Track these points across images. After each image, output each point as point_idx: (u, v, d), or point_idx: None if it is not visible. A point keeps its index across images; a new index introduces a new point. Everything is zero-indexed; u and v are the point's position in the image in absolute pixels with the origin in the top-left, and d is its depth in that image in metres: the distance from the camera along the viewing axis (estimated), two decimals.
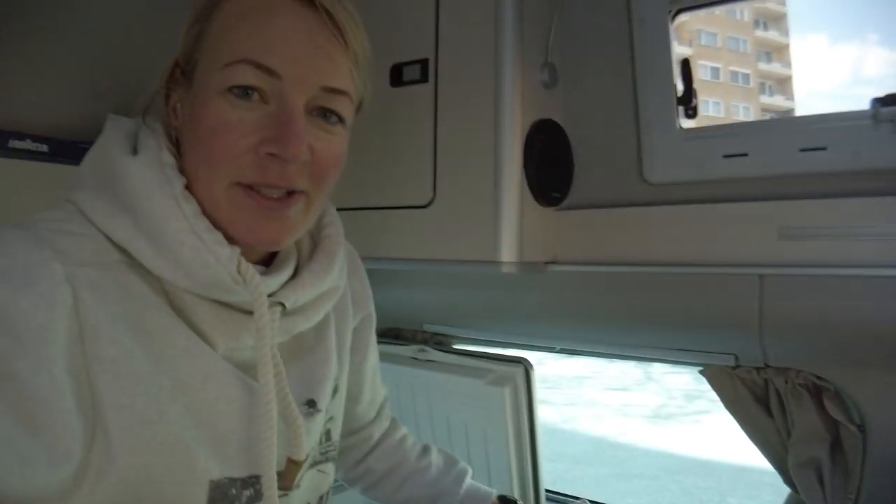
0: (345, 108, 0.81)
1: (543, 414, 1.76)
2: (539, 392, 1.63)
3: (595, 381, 11.84)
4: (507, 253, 1.31)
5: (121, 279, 0.71)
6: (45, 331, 0.63)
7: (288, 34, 0.74)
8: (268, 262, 0.86)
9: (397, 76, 1.45)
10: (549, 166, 1.40)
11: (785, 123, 1.45)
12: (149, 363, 0.70)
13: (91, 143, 1.48)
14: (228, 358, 0.78)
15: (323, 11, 0.75)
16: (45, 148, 1.37)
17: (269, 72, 0.73)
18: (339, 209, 1.50)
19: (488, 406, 1.63)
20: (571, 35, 1.44)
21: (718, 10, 1.41)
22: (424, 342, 1.82)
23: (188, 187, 0.76)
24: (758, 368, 1.33)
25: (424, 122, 1.40)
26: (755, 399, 1.35)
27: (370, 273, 1.29)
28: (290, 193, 0.77)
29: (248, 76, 0.72)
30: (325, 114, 0.78)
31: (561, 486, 1.85)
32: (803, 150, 1.21)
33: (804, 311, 1.21)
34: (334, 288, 0.92)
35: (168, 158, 0.77)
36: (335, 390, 0.98)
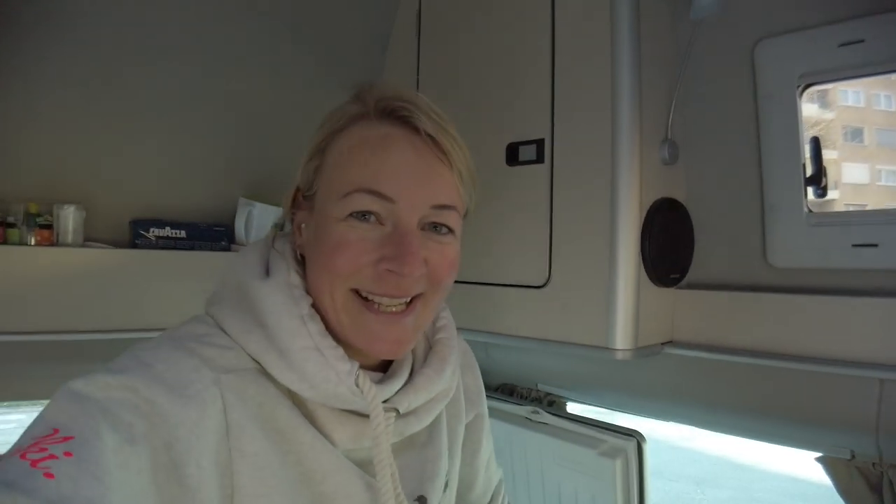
0: (453, 220, 0.84)
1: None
2: None
3: None
4: (622, 339, 1.30)
5: (256, 383, 0.78)
6: (195, 426, 0.70)
7: (398, 162, 0.80)
8: (385, 366, 0.91)
9: (513, 155, 1.46)
10: (670, 246, 1.38)
11: None
12: (279, 457, 0.76)
13: (226, 225, 1.59)
14: (349, 455, 0.83)
15: (428, 138, 0.81)
16: (183, 233, 1.47)
17: (385, 197, 0.78)
18: (458, 282, 1.55)
19: (598, 476, 1.61)
20: (694, 111, 1.41)
21: None
22: (537, 401, 1.83)
23: (313, 303, 0.82)
24: (874, 463, 1.26)
25: (540, 202, 1.41)
26: (870, 489, 1.28)
27: (488, 338, 1.33)
28: (409, 303, 0.82)
29: (366, 202, 0.78)
30: (436, 227, 0.83)
31: None
32: None
33: None
34: (446, 390, 0.94)
35: (295, 279, 0.83)
36: (445, 486, 1.00)
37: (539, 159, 1.41)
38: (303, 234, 0.88)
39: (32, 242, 1.43)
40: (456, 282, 1.33)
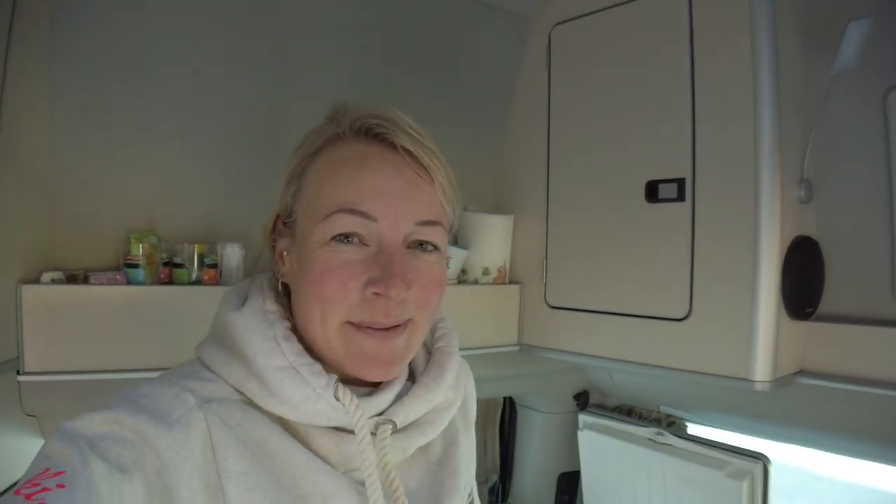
0: (438, 236, 0.83)
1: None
2: None
3: None
4: (762, 372, 1.36)
5: (242, 411, 0.77)
6: (182, 449, 0.70)
7: (377, 179, 0.78)
8: (379, 383, 0.87)
9: (653, 193, 1.53)
10: (805, 281, 1.44)
11: None
12: (272, 480, 0.75)
13: None
14: (352, 476, 0.81)
15: (406, 154, 0.80)
16: None
17: (366, 216, 0.77)
18: (596, 311, 1.64)
19: (724, 498, 1.68)
20: (826, 150, 1.47)
21: None
22: (657, 422, 1.90)
23: (300, 329, 0.83)
24: None
25: (681, 238, 1.48)
26: None
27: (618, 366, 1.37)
28: (397, 325, 0.80)
29: (348, 222, 0.77)
30: (422, 244, 0.82)
31: None
32: None
33: None
34: (451, 399, 0.92)
35: (271, 306, 0.83)
36: (472, 503, 1.00)
37: (680, 197, 1.48)
38: (285, 262, 0.86)
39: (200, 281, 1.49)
40: (596, 311, 1.40)
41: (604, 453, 1.98)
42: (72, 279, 1.37)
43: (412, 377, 0.91)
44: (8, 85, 1.21)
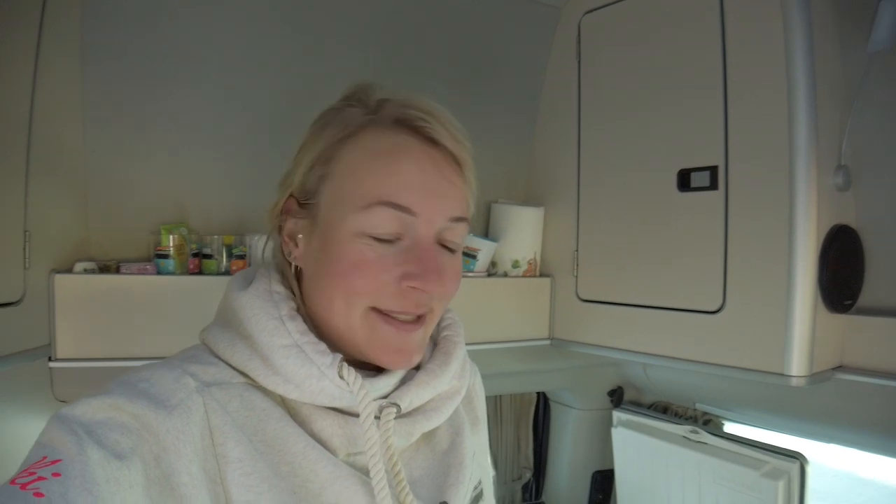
0: (463, 233, 0.84)
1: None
2: None
3: None
4: (798, 366, 1.32)
5: (243, 395, 0.77)
6: (181, 433, 0.69)
7: (418, 174, 0.78)
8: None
9: (685, 182, 1.50)
10: (844, 272, 1.39)
11: None
12: (270, 467, 0.74)
13: None
14: (352, 463, 0.80)
15: (445, 149, 0.80)
16: None
17: (406, 210, 0.76)
18: (628, 304, 1.61)
19: (760, 497, 1.63)
20: (864, 135, 1.42)
21: None
22: (693, 420, 1.86)
23: (311, 312, 0.83)
24: None
25: (714, 228, 1.44)
26: None
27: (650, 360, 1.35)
28: (421, 316, 0.81)
29: (387, 216, 0.76)
30: (449, 241, 0.82)
31: None
32: None
33: None
34: (455, 388, 0.91)
35: (277, 287, 0.83)
36: (481, 494, 0.98)
37: (713, 186, 1.44)
38: (299, 244, 0.85)
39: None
40: (627, 304, 1.37)
41: (638, 451, 1.95)
42: (104, 269, 1.40)
43: (416, 365, 0.90)
44: (39, 80, 1.23)
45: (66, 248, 1.39)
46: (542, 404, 2.37)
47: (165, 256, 1.44)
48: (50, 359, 1.31)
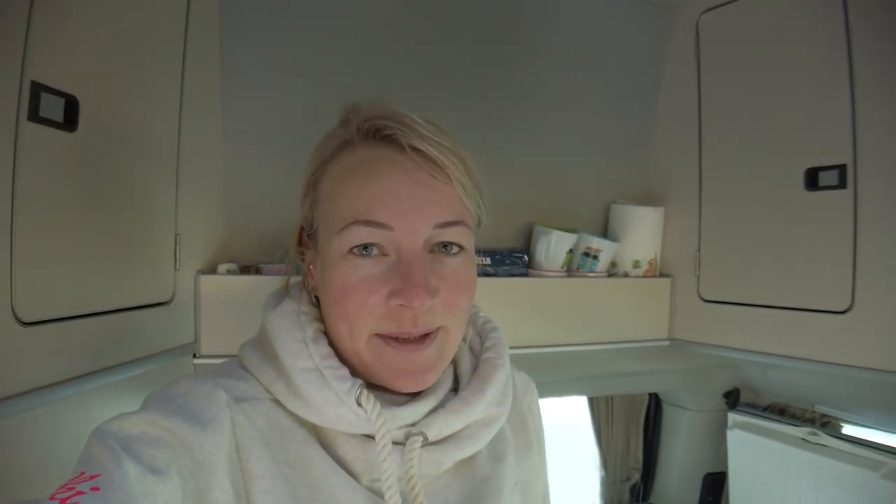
0: (462, 235, 0.79)
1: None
2: None
3: None
4: None
5: (270, 414, 0.77)
6: (215, 449, 0.70)
7: (388, 185, 0.75)
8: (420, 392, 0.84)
9: (812, 181, 1.49)
10: None
11: None
12: (288, 490, 0.73)
13: (523, 251, 1.73)
14: (375, 490, 0.78)
15: (416, 153, 0.76)
16: (488, 260, 1.62)
17: (381, 226, 0.74)
18: (752, 305, 1.60)
19: (877, 500, 1.60)
20: None
21: None
22: (811, 422, 1.83)
23: (333, 344, 0.81)
24: None
25: (843, 228, 1.43)
26: None
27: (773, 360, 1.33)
28: (426, 335, 0.78)
29: (363, 234, 0.75)
30: (445, 246, 0.79)
31: None
32: None
33: None
34: (492, 415, 0.86)
35: (305, 309, 0.83)
36: None
37: (842, 185, 1.43)
38: (313, 275, 0.85)
39: None
40: (747, 304, 1.35)
41: (754, 453, 1.93)
42: (245, 270, 1.46)
43: (458, 385, 0.88)
44: (186, 89, 1.29)
45: (211, 252, 1.45)
46: (654, 405, 2.36)
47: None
48: (195, 356, 1.36)
